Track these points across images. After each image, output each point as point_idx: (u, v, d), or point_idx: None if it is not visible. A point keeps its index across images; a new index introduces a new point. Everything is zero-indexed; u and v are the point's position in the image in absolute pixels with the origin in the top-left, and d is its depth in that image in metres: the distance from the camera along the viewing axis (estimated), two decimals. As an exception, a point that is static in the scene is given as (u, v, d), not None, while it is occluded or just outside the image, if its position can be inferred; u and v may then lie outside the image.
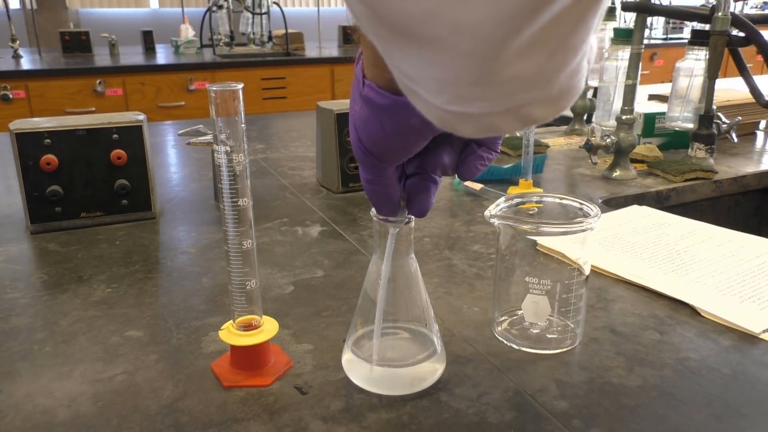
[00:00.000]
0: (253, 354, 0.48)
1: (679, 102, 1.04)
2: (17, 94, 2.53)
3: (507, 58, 0.22)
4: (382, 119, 0.35)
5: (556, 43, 0.23)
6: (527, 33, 0.22)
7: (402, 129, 0.35)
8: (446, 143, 0.40)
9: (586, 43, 0.24)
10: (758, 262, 0.68)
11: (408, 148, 0.37)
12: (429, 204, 0.42)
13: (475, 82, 0.24)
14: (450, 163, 0.40)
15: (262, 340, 0.48)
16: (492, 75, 0.23)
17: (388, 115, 0.34)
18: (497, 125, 0.27)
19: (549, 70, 0.24)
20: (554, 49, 0.23)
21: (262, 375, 0.48)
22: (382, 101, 0.34)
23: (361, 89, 0.36)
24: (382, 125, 0.35)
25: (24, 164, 0.75)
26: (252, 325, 0.48)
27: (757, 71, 2.26)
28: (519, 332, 0.53)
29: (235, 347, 0.48)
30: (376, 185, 0.40)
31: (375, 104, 0.35)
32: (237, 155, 0.42)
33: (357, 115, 0.37)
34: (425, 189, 0.42)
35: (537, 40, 0.22)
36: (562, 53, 0.24)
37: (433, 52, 0.23)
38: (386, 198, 0.41)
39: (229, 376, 0.48)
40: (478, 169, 0.41)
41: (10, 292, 0.63)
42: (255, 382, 0.47)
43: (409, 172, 0.42)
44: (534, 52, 0.23)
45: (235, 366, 0.49)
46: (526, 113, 0.26)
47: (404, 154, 0.38)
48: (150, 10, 4.12)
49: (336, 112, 0.90)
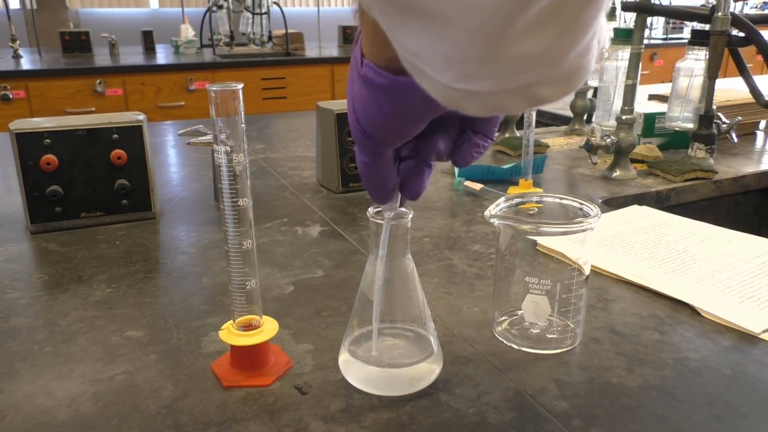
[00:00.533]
0: (253, 354, 0.48)
1: (679, 102, 1.04)
2: (17, 94, 2.53)
3: (514, 34, 0.22)
4: (381, 100, 0.34)
5: (565, 21, 0.22)
6: (535, 9, 0.21)
7: (400, 110, 0.34)
8: (442, 129, 0.39)
9: (597, 21, 0.24)
10: (758, 262, 0.68)
11: (406, 130, 0.36)
12: (422, 187, 0.42)
13: (482, 59, 0.23)
14: (445, 149, 0.40)
15: (262, 340, 0.48)
16: (499, 52, 0.23)
17: (387, 95, 0.34)
18: (504, 104, 0.26)
19: (557, 48, 0.23)
20: (563, 27, 0.23)
21: (262, 375, 0.48)
22: (381, 81, 0.33)
23: (359, 69, 0.35)
24: (381, 106, 0.35)
25: (24, 164, 0.75)
26: (252, 325, 0.48)
27: (757, 71, 2.26)
28: (519, 332, 0.53)
29: (235, 347, 0.48)
30: (372, 168, 0.39)
31: (374, 84, 0.34)
32: (237, 155, 0.42)
33: (355, 96, 0.36)
34: (419, 172, 0.41)
35: (545, 16, 0.22)
36: (571, 31, 0.23)
37: (438, 27, 0.23)
38: (382, 182, 0.40)
39: (229, 376, 0.48)
40: (473, 157, 0.40)
41: (10, 292, 0.63)
42: (255, 382, 0.47)
43: (404, 155, 0.42)
44: (542, 30, 0.22)
45: (235, 366, 0.49)
46: (534, 93, 0.25)
47: (402, 137, 0.37)
48: (150, 10, 4.12)
49: (336, 112, 0.90)
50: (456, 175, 0.98)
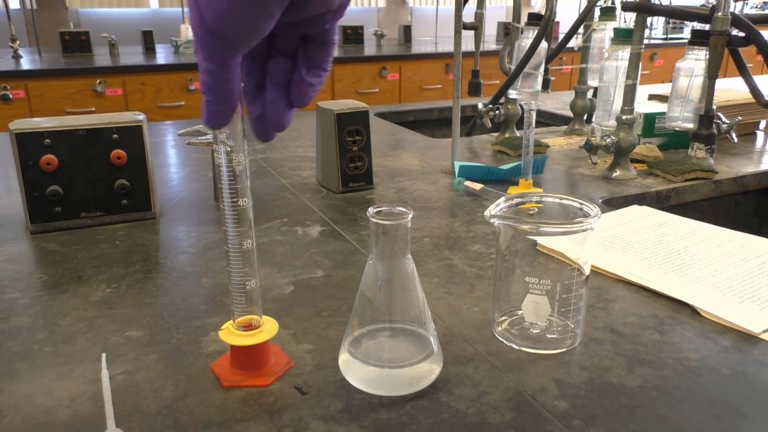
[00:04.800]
0: (253, 354, 0.48)
1: (679, 102, 1.04)
2: (17, 94, 2.53)
3: None
4: None
5: None
6: None
7: None
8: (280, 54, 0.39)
9: None
10: (758, 262, 0.68)
11: (255, 21, 0.34)
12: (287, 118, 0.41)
13: None
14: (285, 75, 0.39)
15: (261, 340, 0.48)
16: None
17: None
18: None
19: None
20: None
21: (261, 375, 0.48)
22: None
23: None
24: None
25: (24, 164, 0.75)
26: (252, 325, 0.48)
27: (757, 71, 2.26)
28: (519, 332, 0.53)
29: (235, 347, 0.48)
30: (217, 77, 0.36)
31: None
32: (237, 155, 0.42)
33: None
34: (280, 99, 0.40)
35: None
36: None
37: None
38: (227, 95, 0.37)
39: (229, 376, 0.48)
40: (309, 96, 0.40)
41: (10, 292, 0.63)
42: (255, 382, 0.47)
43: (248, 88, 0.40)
44: None
45: (234, 366, 0.49)
46: None
47: (252, 35, 0.35)
48: (150, 10, 4.12)
49: (336, 112, 0.90)
50: (456, 175, 0.98)
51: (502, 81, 1.19)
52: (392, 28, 4.25)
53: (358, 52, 3.28)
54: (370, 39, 3.76)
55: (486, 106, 1.24)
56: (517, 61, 1.15)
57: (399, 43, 3.77)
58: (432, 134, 1.53)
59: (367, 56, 3.20)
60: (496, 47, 3.44)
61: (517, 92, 1.18)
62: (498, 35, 3.95)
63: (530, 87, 1.14)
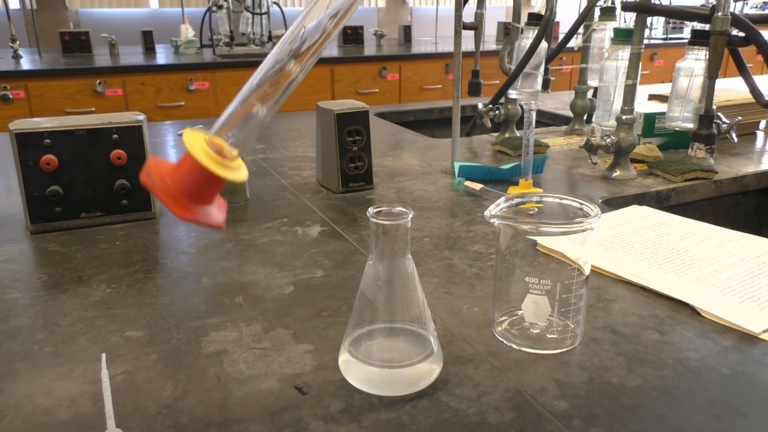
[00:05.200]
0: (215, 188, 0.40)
1: (679, 102, 1.04)
2: (17, 94, 2.53)
3: None
4: None
5: None
6: None
7: None
8: None
9: None
10: (758, 262, 0.68)
11: None
12: None
13: None
14: None
15: (240, 180, 0.39)
16: None
17: None
18: None
19: None
20: None
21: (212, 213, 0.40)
22: None
23: None
24: None
25: (24, 164, 0.75)
26: (224, 155, 0.38)
27: (757, 71, 2.26)
28: (519, 332, 0.53)
29: (202, 172, 0.38)
30: None
31: None
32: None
33: None
34: None
35: None
36: None
37: None
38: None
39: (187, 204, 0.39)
40: None
41: (10, 292, 0.63)
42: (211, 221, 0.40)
43: None
44: None
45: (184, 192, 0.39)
46: None
47: None
48: (150, 10, 4.12)
49: (336, 112, 0.90)
50: (456, 175, 0.98)
51: (502, 81, 1.19)
52: (392, 28, 4.25)
53: (358, 52, 3.28)
54: (370, 39, 3.76)
55: (486, 106, 1.24)
56: (517, 61, 1.15)
57: (399, 43, 3.77)
58: (432, 134, 1.53)
59: (367, 56, 3.20)
60: (496, 47, 3.44)
61: (517, 92, 1.18)
62: (498, 35, 3.95)
63: (530, 87, 1.14)
